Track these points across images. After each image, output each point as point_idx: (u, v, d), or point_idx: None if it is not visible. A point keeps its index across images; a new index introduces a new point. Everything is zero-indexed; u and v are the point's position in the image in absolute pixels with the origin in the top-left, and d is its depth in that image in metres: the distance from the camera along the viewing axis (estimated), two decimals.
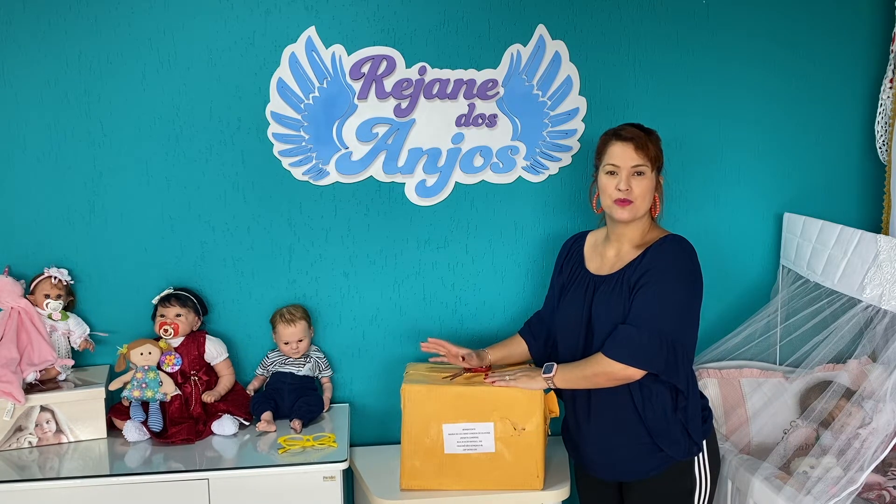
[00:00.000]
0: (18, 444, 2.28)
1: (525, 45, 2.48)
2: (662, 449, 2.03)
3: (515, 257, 2.61)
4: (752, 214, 2.68)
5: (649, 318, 1.96)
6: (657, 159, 2.08)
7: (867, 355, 2.43)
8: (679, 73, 2.57)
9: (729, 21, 2.57)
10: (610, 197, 2.07)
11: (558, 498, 2.22)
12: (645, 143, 2.04)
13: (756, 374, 2.62)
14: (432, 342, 2.30)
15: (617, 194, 2.05)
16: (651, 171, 2.06)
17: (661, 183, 2.13)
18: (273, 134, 2.44)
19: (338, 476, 2.21)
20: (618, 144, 2.06)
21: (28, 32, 2.33)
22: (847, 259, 2.26)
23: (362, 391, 2.62)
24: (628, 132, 2.06)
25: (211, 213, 2.47)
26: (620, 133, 2.07)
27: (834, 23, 2.62)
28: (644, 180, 2.04)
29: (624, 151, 2.04)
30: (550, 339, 2.30)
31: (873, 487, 2.26)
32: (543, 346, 2.32)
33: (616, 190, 2.05)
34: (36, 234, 2.42)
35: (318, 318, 2.56)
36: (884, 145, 2.60)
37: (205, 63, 2.40)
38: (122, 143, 2.41)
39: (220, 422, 2.35)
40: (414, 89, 2.46)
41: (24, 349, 2.28)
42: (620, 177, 2.04)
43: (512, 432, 2.15)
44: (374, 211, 2.53)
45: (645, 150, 2.04)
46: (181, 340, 2.40)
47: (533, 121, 2.52)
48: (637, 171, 2.04)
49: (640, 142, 2.04)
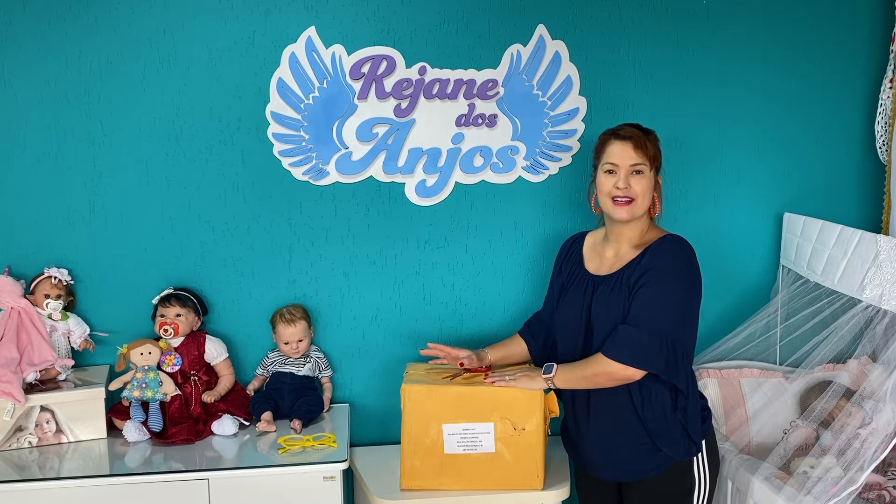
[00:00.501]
0: (18, 444, 2.28)
1: (525, 45, 2.48)
2: (662, 449, 2.03)
3: (515, 257, 2.61)
4: (752, 214, 2.68)
5: (649, 319, 1.96)
6: (656, 159, 2.08)
7: (867, 355, 2.43)
8: (679, 73, 2.57)
9: (729, 21, 2.57)
10: (609, 196, 2.07)
11: (558, 498, 2.22)
12: (644, 142, 2.04)
13: (756, 374, 2.62)
14: (432, 346, 2.30)
15: (616, 192, 2.05)
16: (650, 170, 2.06)
17: (659, 183, 2.13)
18: (273, 134, 2.44)
19: (338, 476, 2.21)
20: (616, 143, 2.06)
21: (28, 32, 2.33)
22: (847, 259, 2.26)
23: (362, 391, 2.62)
24: (627, 131, 2.06)
25: (211, 213, 2.47)
26: (619, 132, 2.07)
27: (834, 23, 2.62)
28: (643, 179, 2.05)
29: (623, 150, 2.05)
30: (550, 339, 2.30)
31: (873, 487, 2.26)
32: (543, 346, 2.32)
33: (615, 188, 2.05)
34: (36, 234, 2.42)
35: (318, 318, 2.56)
36: (884, 145, 2.60)
37: (205, 63, 2.40)
38: (122, 143, 2.41)
39: (220, 422, 2.35)
40: (414, 89, 2.46)
41: (24, 349, 2.28)
42: (619, 175, 2.04)
43: (512, 432, 2.15)
44: (374, 211, 2.53)
45: (644, 149, 2.04)
46: (181, 340, 2.40)
47: (533, 121, 2.52)
48: (636, 169, 2.04)
49: (638, 141, 2.04)
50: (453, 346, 2.33)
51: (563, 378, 2.07)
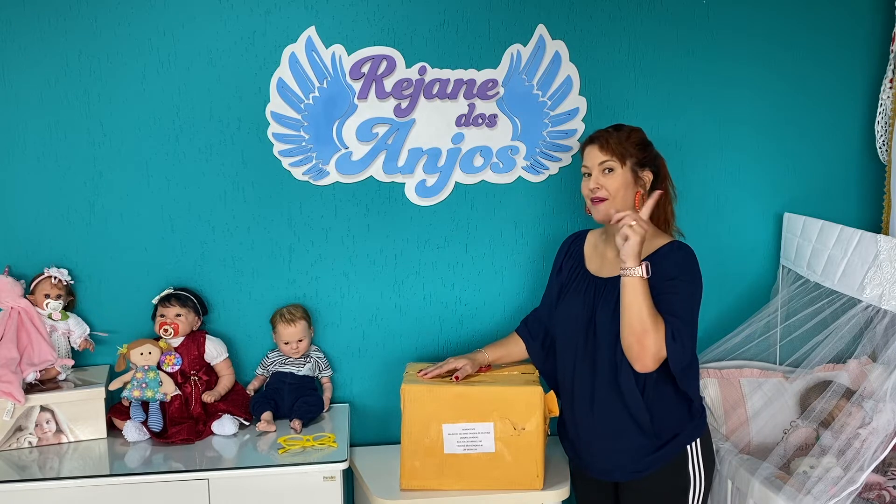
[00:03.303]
0: (18, 444, 2.28)
1: (525, 45, 2.48)
2: (657, 448, 2.03)
3: (515, 257, 2.61)
4: (752, 214, 2.68)
5: (684, 325, 1.94)
6: (626, 154, 2.05)
7: (867, 355, 2.43)
8: (679, 74, 2.58)
9: (729, 21, 2.57)
10: (587, 198, 2.10)
11: (558, 498, 2.22)
12: (606, 140, 2.05)
13: (756, 374, 2.62)
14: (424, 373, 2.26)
15: (590, 193, 2.08)
16: (622, 166, 2.05)
17: (644, 178, 2.07)
18: (273, 134, 2.45)
19: (338, 476, 2.21)
20: (587, 147, 2.11)
21: (28, 32, 2.33)
22: (847, 259, 2.26)
23: (362, 391, 2.62)
24: (595, 133, 2.10)
25: (211, 213, 2.48)
26: (590, 136, 2.12)
27: (834, 23, 2.62)
28: (615, 176, 2.04)
29: (591, 152, 2.09)
30: (548, 339, 2.29)
31: (873, 487, 2.26)
32: (541, 346, 2.31)
33: (589, 190, 2.08)
34: (36, 234, 2.42)
35: (318, 318, 2.56)
36: (884, 145, 2.60)
37: (205, 63, 2.40)
38: (122, 143, 2.41)
39: (220, 422, 2.35)
40: (414, 89, 2.46)
41: (24, 349, 2.28)
42: (592, 177, 2.07)
43: (512, 432, 2.15)
44: (374, 211, 2.53)
45: (608, 147, 2.05)
46: (181, 340, 2.40)
47: (533, 121, 2.52)
48: (605, 167, 2.05)
49: (602, 140, 2.06)
50: (453, 345, 2.33)
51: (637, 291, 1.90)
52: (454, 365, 2.26)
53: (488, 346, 2.37)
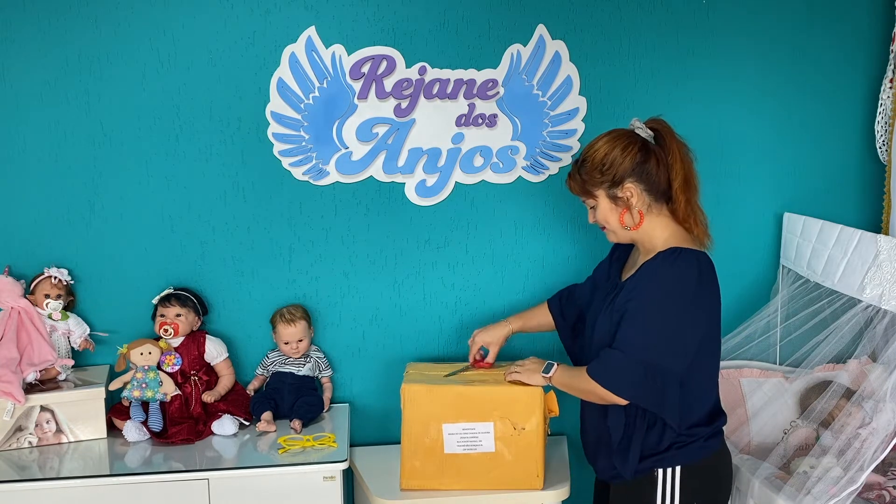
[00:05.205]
0: (18, 444, 2.28)
1: (525, 45, 2.48)
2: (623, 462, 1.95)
3: (515, 257, 2.61)
4: (752, 214, 2.68)
5: (638, 347, 1.85)
6: (592, 184, 1.97)
7: (867, 355, 2.42)
8: (679, 73, 2.57)
9: (729, 21, 2.57)
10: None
11: (558, 498, 2.22)
12: (571, 182, 2.03)
13: (756, 374, 2.62)
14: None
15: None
16: (592, 197, 2.00)
17: (627, 193, 1.94)
18: (273, 134, 2.44)
19: (338, 476, 2.21)
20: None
21: (28, 32, 2.33)
22: (847, 259, 2.26)
23: (362, 391, 2.62)
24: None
25: (211, 213, 2.47)
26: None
27: (834, 23, 2.62)
28: (598, 209, 2.01)
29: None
30: (579, 324, 2.25)
31: (873, 487, 2.26)
32: (571, 331, 2.29)
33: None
34: (36, 234, 2.42)
35: (318, 318, 2.56)
36: (884, 145, 2.60)
37: (205, 63, 2.40)
38: (122, 143, 2.41)
39: (220, 422, 2.35)
40: (414, 89, 2.46)
41: (24, 349, 2.28)
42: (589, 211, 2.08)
43: (512, 432, 2.15)
44: (374, 211, 2.53)
45: (575, 189, 2.03)
46: (181, 340, 2.40)
47: (533, 121, 2.52)
48: (587, 205, 2.05)
49: (568, 182, 2.05)
50: (453, 345, 2.33)
51: (560, 381, 2.05)
52: (480, 343, 2.31)
53: (513, 316, 2.36)
